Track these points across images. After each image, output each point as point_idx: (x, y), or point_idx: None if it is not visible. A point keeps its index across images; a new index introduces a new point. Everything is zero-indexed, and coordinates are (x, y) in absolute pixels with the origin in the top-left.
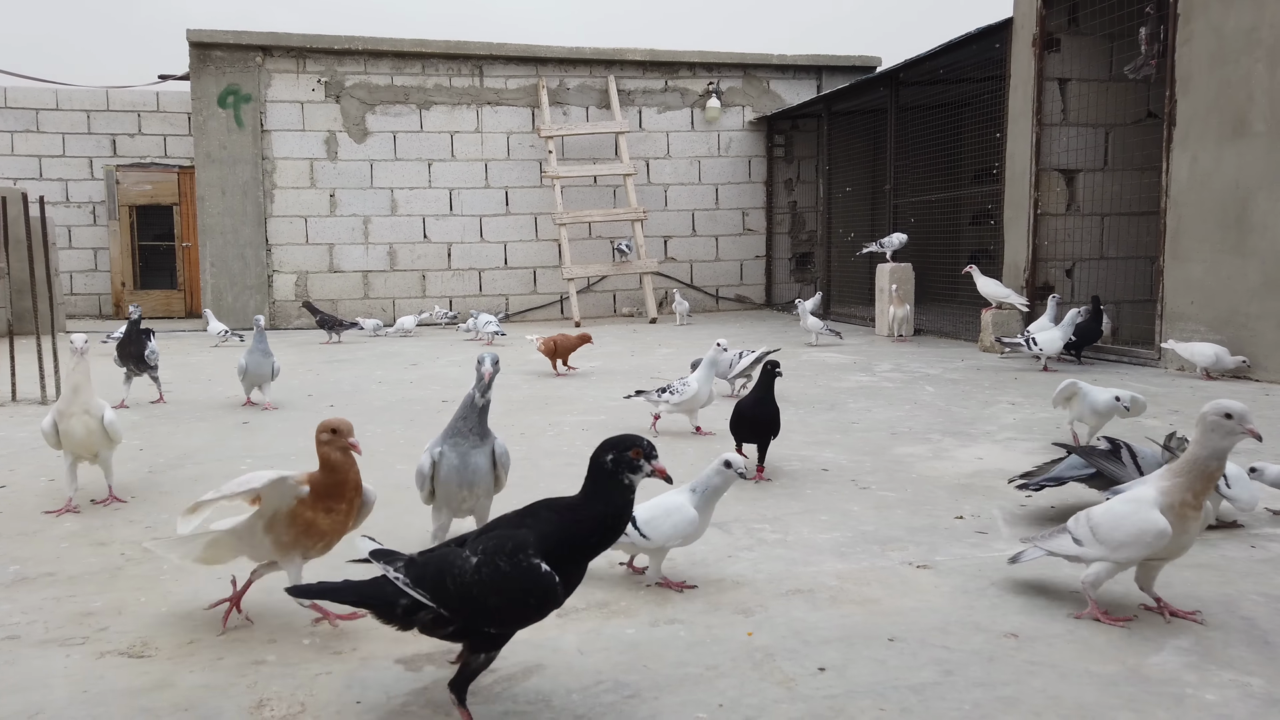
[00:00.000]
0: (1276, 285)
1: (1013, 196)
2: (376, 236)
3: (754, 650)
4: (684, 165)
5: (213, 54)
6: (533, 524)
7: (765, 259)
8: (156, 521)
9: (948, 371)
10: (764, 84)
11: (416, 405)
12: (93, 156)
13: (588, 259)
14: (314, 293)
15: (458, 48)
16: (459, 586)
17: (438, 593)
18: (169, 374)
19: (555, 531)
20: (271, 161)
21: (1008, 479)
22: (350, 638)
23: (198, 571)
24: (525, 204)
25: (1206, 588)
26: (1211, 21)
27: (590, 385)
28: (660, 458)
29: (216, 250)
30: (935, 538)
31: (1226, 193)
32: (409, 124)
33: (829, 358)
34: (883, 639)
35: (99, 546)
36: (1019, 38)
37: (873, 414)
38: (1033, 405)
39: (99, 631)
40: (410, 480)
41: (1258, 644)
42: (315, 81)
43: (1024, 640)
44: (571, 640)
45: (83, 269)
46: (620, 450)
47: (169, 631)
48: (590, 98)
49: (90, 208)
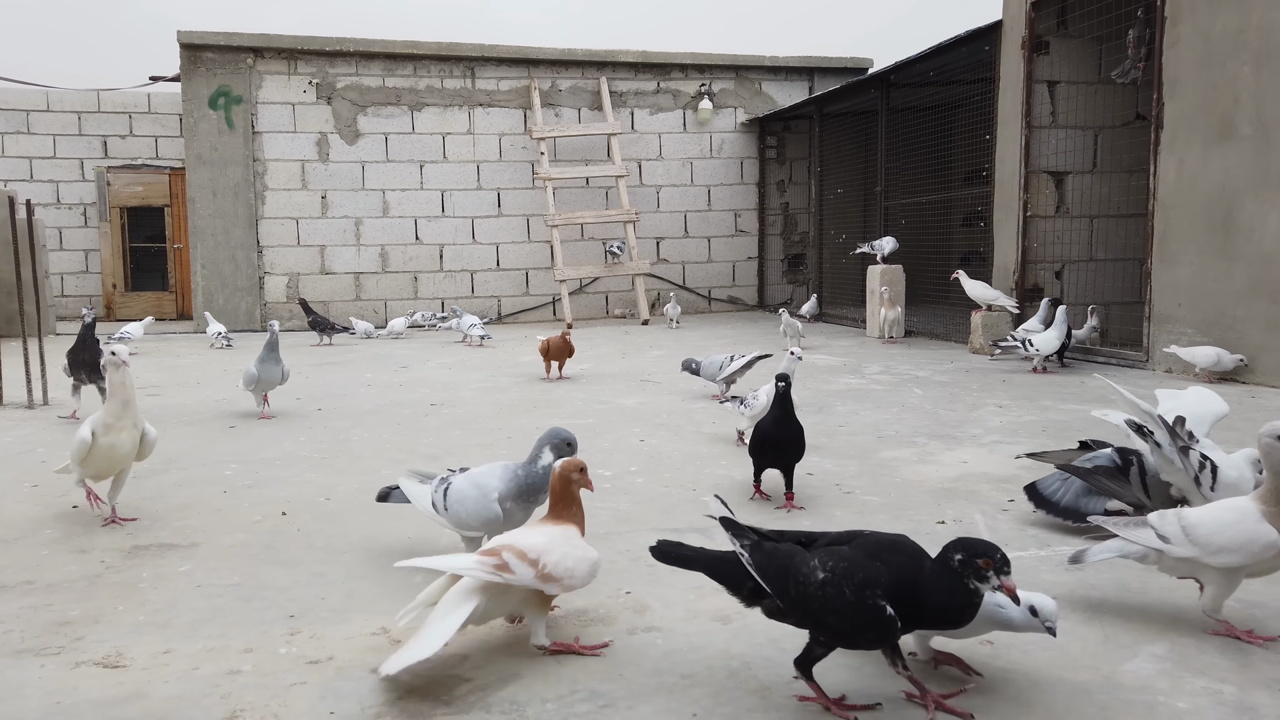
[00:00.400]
0: (1262, 288)
1: (1002, 198)
2: (368, 238)
3: (730, 659)
4: (676, 167)
5: (203, 55)
6: (889, 561)
7: (757, 260)
8: (137, 528)
9: (936, 374)
10: (756, 85)
11: (405, 409)
12: (84, 158)
13: (580, 260)
14: (305, 294)
15: (449, 49)
16: (800, 593)
17: (779, 588)
18: (157, 377)
19: (908, 581)
20: (263, 163)
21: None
22: (327, 646)
23: (176, 581)
24: (517, 205)
25: (1183, 593)
26: (1198, 25)
27: (579, 389)
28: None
29: (208, 252)
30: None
31: (1213, 195)
32: (401, 125)
33: (819, 359)
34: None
35: (79, 554)
36: (1008, 40)
37: (860, 417)
38: (1020, 408)
39: (75, 641)
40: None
41: (1230, 649)
42: (306, 83)
43: (999, 648)
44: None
45: (74, 271)
46: (970, 555)
47: (145, 641)
48: (582, 99)
49: (81, 209)
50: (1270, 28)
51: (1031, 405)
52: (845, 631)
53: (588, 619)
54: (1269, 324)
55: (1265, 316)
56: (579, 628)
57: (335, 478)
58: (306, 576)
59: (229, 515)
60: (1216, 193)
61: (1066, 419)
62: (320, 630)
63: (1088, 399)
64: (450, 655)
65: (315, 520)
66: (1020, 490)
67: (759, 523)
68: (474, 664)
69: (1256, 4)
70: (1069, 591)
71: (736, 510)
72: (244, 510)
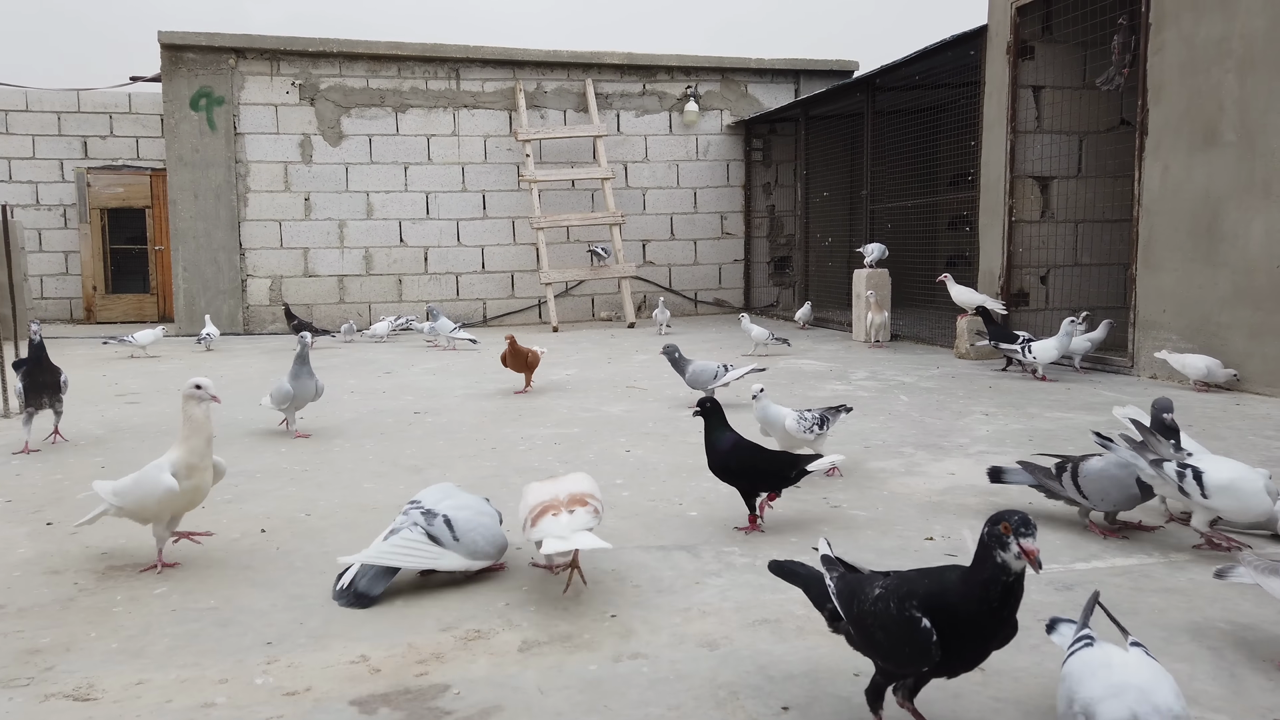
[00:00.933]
0: (1247, 295)
1: (988, 203)
2: (352, 240)
3: (718, 688)
4: (662, 169)
5: (185, 56)
6: (931, 575)
7: (744, 263)
8: (113, 547)
9: (923, 379)
10: (742, 88)
11: (388, 417)
12: (63, 158)
13: (566, 263)
14: (289, 297)
15: (434, 50)
16: (859, 611)
17: (846, 607)
18: (137, 383)
19: (941, 591)
20: (245, 165)
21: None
22: (304, 676)
23: (150, 605)
24: (502, 208)
25: (1175, 614)
26: (1183, 31)
27: (565, 396)
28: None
29: (189, 254)
30: (905, 560)
31: (1198, 202)
32: (385, 127)
33: (805, 365)
34: (848, 674)
35: (52, 575)
36: (994, 45)
37: (847, 425)
38: (1006, 416)
39: (45, 671)
40: (379, 502)
41: (1224, 677)
42: (289, 84)
43: (990, 675)
44: (532, 678)
45: (53, 273)
46: (993, 522)
47: (117, 671)
48: (568, 101)
49: (61, 210)
50: (1254, 35)
51: (1018, 413)
52: (889, 648)
53: (572, 644)
54: (1253, 331)
55: (1250, 323)
56: (564, 654)
57: (316, 491)
58: (285, 599)
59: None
60: (1201, 199)
61: (1052, 427)
62: (298, 659)
63: (1074, 406)
64: (431, 685)
65: (295, 538)
66: (1008, 504)
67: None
68: (456, 695)
69: (1240, 11)
70: (1057, 612)
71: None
72: (222, 527)
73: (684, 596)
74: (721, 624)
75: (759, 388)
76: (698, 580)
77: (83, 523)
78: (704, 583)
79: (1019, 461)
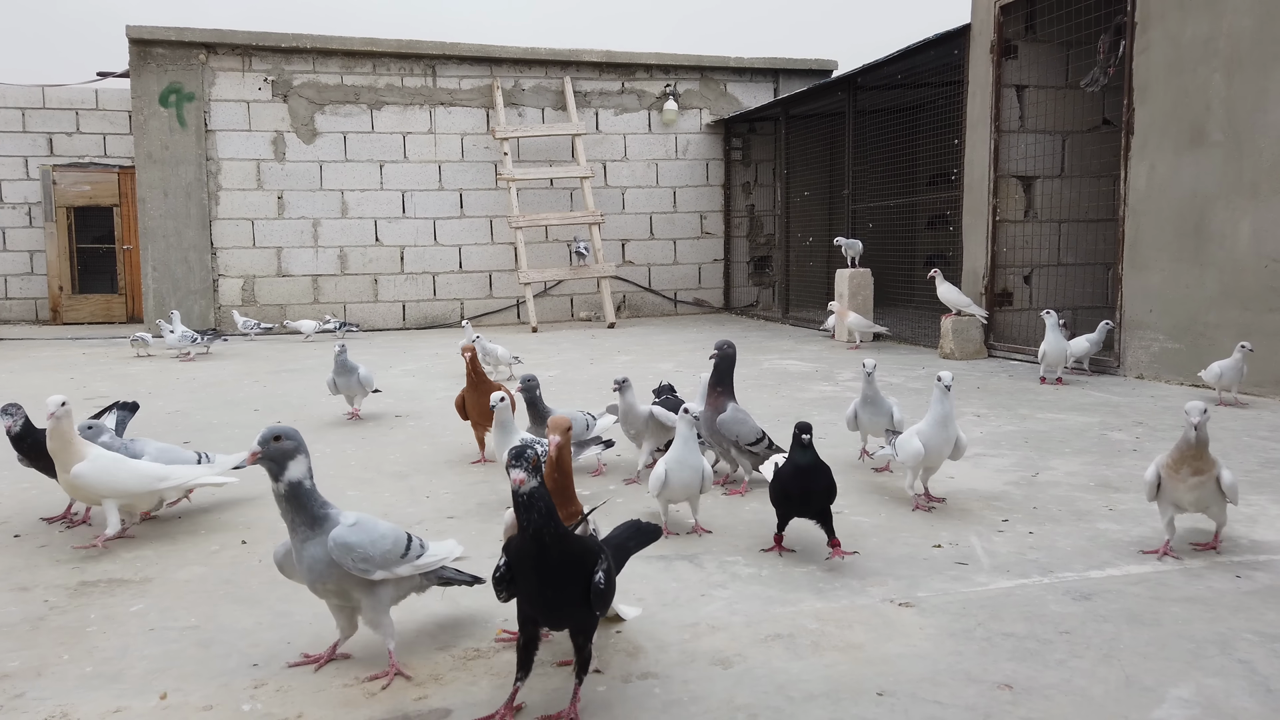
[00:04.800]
0: (1233, 295)
1: (971, 203)
2: (326, 240)
3: (736, 710)
4: (641, 168)
5: (154, 51)
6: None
7: (723, 262)
8: (84, 562)
9: (910, 380)
10: (721, 87)
11: (369, 420)
12: (28, 156)
13: (544, 263)
14: (262, 298)
15: (409, 47)
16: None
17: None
18: (106, 386)
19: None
20: (216, 162)
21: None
22: (295, 702)
23: (127, 624)
24: (480, 206)
25: (1199, 625)
26: (1169, 31)
27: (549, 399)
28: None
29: (159, 254)
30: (915, 570)
31: (1184, 202)
32: (360, 124)
33: (791, 365)
34: (871, 693)
35: (21, 592)
36: (977, 44)
37: (839, 427)
38: (998, 417)
39: (14, 699)
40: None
41: (1260, 692)
42: (261, 80)
43: (1019, 692)
44: (538, 700)
45: (18, 273)
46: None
47: (93, 698)
48: (546, 99)
49: (26, 209)
50: (1240, 34)
51: (1010, 414)
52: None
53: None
54: (1241, 330)
55: (1237, 323)
56: (570, 674)
57: None
58: (270, 617)
59: (184, 545)
60: (1188, 199)
61: (1046, 429)
62: (287, 681)
63: (1065, 407)
64: (431, 710)
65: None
66: (1013, 509)
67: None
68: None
69: (1227, 11)
70: (1079, 624)
71: (734, 547)
72: (200, 539)
73: (690, 610)
74: (732, 640)
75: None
76: (703, 592)
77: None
78: (710, 595)
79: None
